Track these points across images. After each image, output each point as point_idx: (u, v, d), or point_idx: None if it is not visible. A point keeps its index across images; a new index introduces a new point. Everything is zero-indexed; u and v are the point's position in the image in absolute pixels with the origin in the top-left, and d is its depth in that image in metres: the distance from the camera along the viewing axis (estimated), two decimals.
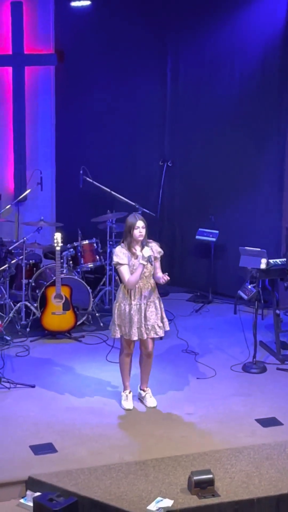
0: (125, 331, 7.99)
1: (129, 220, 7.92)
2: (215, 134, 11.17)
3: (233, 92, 11.01)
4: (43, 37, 11.24)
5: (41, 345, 9.78)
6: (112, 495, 6.61)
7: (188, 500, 6.57)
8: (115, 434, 7.71)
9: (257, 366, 9.12)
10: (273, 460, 7.18)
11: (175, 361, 9.36)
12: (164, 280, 7.93)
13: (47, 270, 10.28)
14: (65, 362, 9.27)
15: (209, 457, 7.21)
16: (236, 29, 10.83)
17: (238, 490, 6.72)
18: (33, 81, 11.34)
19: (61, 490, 6.65)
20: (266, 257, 9.15)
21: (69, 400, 8.38)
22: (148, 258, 7.77)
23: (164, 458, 7.18)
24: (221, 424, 7.89)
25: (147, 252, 7.79)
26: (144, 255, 7.78)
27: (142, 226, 7.86)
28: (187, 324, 10.43)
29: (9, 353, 9.41)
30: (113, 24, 11.21)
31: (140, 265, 7.81)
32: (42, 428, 7.74)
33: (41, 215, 10.59)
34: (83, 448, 7.41)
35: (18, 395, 8.43)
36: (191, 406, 8.25)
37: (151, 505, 6.45)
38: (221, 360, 9.39)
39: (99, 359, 9.33)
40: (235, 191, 11.11)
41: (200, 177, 11.37)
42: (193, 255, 11.60)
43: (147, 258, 7.77)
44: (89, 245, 10.66)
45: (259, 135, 10.87)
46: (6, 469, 7.05)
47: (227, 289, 11.10)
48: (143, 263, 7.79)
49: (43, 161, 11.42)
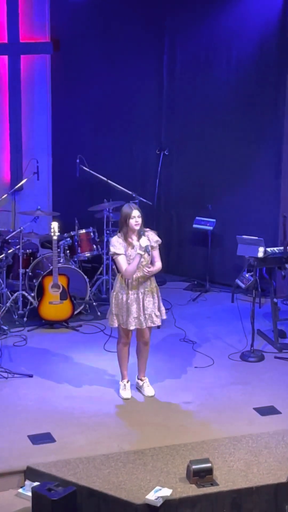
0: (123, 320, 7.98)
1: (124, 210, 7.90)
2: (212, 122, 11.13)
3: (230, 80, 10.96)
4: (38, 26, 11.20)
5: (39, 334, 9.77)
6: (110, 485, 6.61)
7: (186, 489, 6.58)
8: (113, 423, 7.71)
9: (255, 354, 9.11)
10: (272, 448, 7.19)
11: (173, 350, 9.35)
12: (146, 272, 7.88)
13: (44, 260, 10.26)
14: (63, 352, 9.27)
15: (208, 446, 7.22)
16: (233, 14, 10.75)
17: (237, 478, 6.73)
18: (29, 70, 11.30)
19: (59, 479, 6.65)
20: (263, 245, 9.13)
21: (67, 389, 8.38)
22: (145, 248, 7.76)
23: (162, 447, 7.19)
24: (219, 413, 7.90)
25: (144, 242, 7.77)
26: (141, 245, 7.76)
27: (138, 216, 7.84)
28: (185, 313, 10.42)
29: (6, 342, 9.40)
30: (109, 12, 11.17)
31: (137, 255, 7.79)
32: (40, 418, 7.74)
33: (37, 204, 10.57)
34: (81, 438, 7.41)
35: (15, 384, 8.43)
36: (189, 395, 8.26)
37: (149, 494, 6.46)
38: (219, 349, 9.38)
39: (96, 348, 9.32)
40: (232, 180, 11.08)
41: (197, 165, 11.34)
42: (190, 244, 11.58)
43: (144, 248, 7.75)
44: (86, 234, 10.64)
45: (256, 123, 10.83)
46: (5, 459, 7.05)
47: (224, 277, 11.09)
48: (141, 253, 7.77)
49: (39, 150, 11.39)
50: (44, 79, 11.38)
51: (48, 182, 11.50)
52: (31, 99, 11.36)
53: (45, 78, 11.38)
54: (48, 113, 11.43)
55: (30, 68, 11.31)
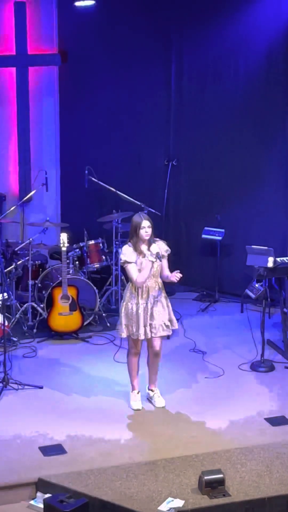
0: (132, 330, 7.97)
1: (134, 220, 7.90)
2: (220, 132, 11.15)
3: (237, 90, 10.98)
4: (46, 37, 11.23)
5: (48, 346, 9.77)
6: (122, 496, 6.59)
7: (199, 500, 6.56)
8: (124, 434, 7.69)
9: (265, 364, 9.09)
10: (283, 459, 7.16)
11: (183, 360, 9.34)
12: (177, 278, 7.90)
13: (53, 271, 10.26)
14: (73, 363, 9.26)
15: (219, 456, 7.20)
16: (240, 25, 10.79)
17: (249, 489, 6.71)
18: (36, 82, 11.33)
19: (71, 491, 6.63)
20: (273, 255, 9.12)
21: (78, 400, 8.36)
22: (156, 255, 7.76)
23: (174, 458, 7.17)
24: (230, 424, 7.88)
25: (155, 248, 7.78)
26: (152, 252, 7.76)
27: (148, 226, 7.84)
28: (194, 323, 10.41)
29: (16, 354, 9.40)
30: (117, 24, 11.19)
31: (148, 262, 7.79)
32: (51, 429, 7.72)
33: (46, 215, 10.60)
34: (92, 449, 7.39)
35: (26, 396, 8.42)
36: (199, 406, 8.24)
37: (162, 505, 6.44)
38: (229, 359, 9.36)
39: (106, 359, 9.31)
40: (241, 190, 11.08)
41: (205, 175, 11.35)
42: (199, 254, 11.58)
43: (155, 254, 7.75)
44: (95, 245, 10.64)
45: (264, 133, 10.84)
46: (16, 471, 7.03)
47: (234, 288, 11.08)
48: (152, 260, 7.77)
49: (47, 161, 11.41)
50: (52, 91, 11.41)
51: (56, 193, 11.51)
52: (39, 111, 11.39)
53: (53, 90, 11.40)
54: (56, 124, 11.45)
55: (38, 80, 11.34)
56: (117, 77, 11.40)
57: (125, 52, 11.32)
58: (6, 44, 11.08)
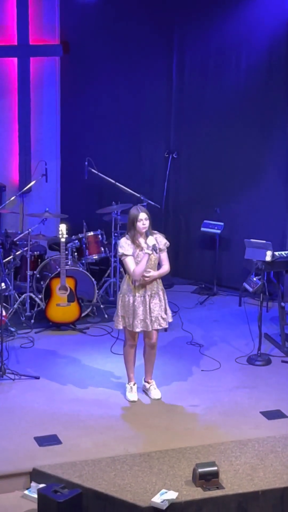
0: (129, 322, 7.98)
1: (132, 213, 7.91)
2: (221, 126, 11.14)
3: (239, 84, 10.97)
4: (48, 28, 11.20)
5: (46, 336, 9.78)
6: (116, 487, 6.61)
7: (192, 492, 6.57)
8: (119, 426, 7.71)
9: (262, 358, 9.11)
10: (278, 452, 7.18)
11: (180, 353, 9.35)
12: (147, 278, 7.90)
13: (51, 262, 10.26)
14: (70, 354, 9.27)
15: (214, 449, 7.21)
16: (242, 20, 10.78)
17: (243, 482, 6.72)
18: (38, 72, 11.31)
19: (65, 481, 6.65)
20: (271, 249, 9.12)
21: (74, 391, 8.38)
22: (153, 247, 7.76)
23: (168, 450, 7.18)
24: (225, 417, 7.89)
25: (151, 241, 7.78)
26: (148, 244, 7.77)
27: (145, 218, 7.84)
28: (192, 316, 10.42)
29: (13, 344, 9.40)
30: (119, 15, 11.17)
31: (145, 255, 7.80)
32: (47, 420, 7.74)
33: (46, 206, 10.57)
34: (87, 440, 7.41)
35: (22, 386, 8.43)
36: (195, 398, 8.25)
37: (155, 497, 6.45)
38: (226, 352, 9.37)
39: (103, 350, 9.32)
40: (240, 183, 11.08)
41: (205, 169, 11.34)
42: (198, 247, 11.58)
43: (151, 247, 7.76)
44: (94, 236, 10.64)
45: (264, 127, 10.83)
46: (11, 461, 7.05)
47: (232, 281, 11.08)
48: (149, 253, 7.78)
49: (48, 152, 11.39)
50: (54, 82, 11.39)
51: (56, 184, 11.51)
52: (40, 101, 11.37)
53: (54, 81, 11.39)
54: (57, 115, 11.44)
55: (40, 71, 11.32)
56: (119, 68, 11.38)
57: (127, 44, 11.30)
58: (8, 34, 11.05)
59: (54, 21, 11.21)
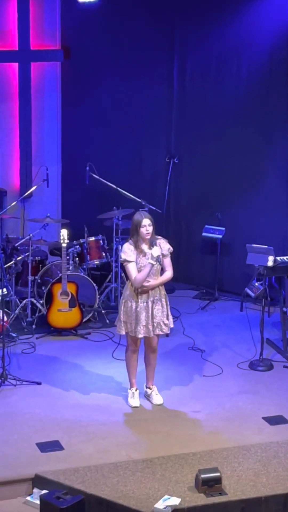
0: (131, 328, 7.97)
1: (135, 218, 7.89)
2: (222, 131, 11.13)
3: (240, 88, 10.97)
4: (49, 33, 11.21)
5: (47, 342, 9.76)
6: (119, 493, 6.59)
7: (195, 498, 6.56)
8: (121, 431, 7.69)
9: (264, 363, 9.09)
10: (281, 458, 7.16)
11: (182, 358, 9.33)
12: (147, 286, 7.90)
13: (53, 267, 10.25)
14: (71, 359, 9.25)
15: (216, 455, 7.20)
16: (243, 24, 10.77)
17: (246, 488, 6.71)
18: (39, 77, 11.31)
19: (67, 487, 6.64)
20: (273, 254, 9.11)
21: (76, 397, 8.36)
22: (157, 258, 7.76)
23: (171, 456, 7.17)
24: (228, 422, 7.87)
25: (156, 251, 7.77)
26: (153, 254, 7.76)
27: (149, 224, 7.83)
28: (193, 322, 10.40)
29: (15, 350, 9.39)
30: (120, 20, 11.17)
31: (148, 264, 7.78)
32: (49, 426, 7.73)
33: (47, 211, 10.57)
34: (89, 446, 7.39)
35: (24, 392, 8.41)
36: (197, 404, 8.23)
37: (158, 503, 6.44)
38: (228, 358, 9.36)
39: (105, 356, 9.31)
40: (241, 188, 11.07)
41: (206, 174, 11.34)
42: (199, 252, 11.57)
43: (156, 258, 7.75)
44: (95, 242, 10.64)
45: (265, 132, 10.83)
46: (13, 467, 7.03)
47: (234, 286, 11.07)
48: (152, 263, 7.77)
49: (49, 157, 11.39)
50: (54, 87, 11.39)
51: (57, 190, 11.50)
52: (41, 107, 11.37)
53: (55, 86, 11.39)
54: (58, 120, 11.43)
55: (41, 76, 11.32)
56: (120, 74, 11.38)
57: (128, 48, 11.30)
58: (9, 39, 11.06)
59: (55, 26, 11.21)
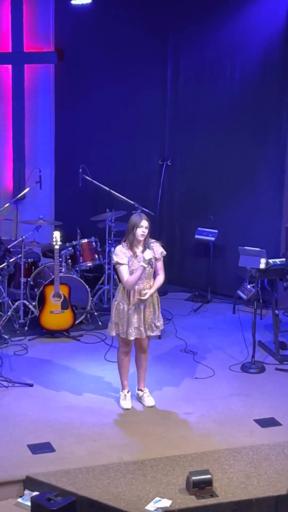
0: (123, 330, 7.97)
1: (133, 219, 7.90)
2: (216, 133, 11.14)
3: (233, 91, 10.98)
4: (43, 35, 11.21)
5: (39, 344, 9.76)
6: (110, 495, 6.59)
7: (186, 500, 6.56)
8: (113, 433, 7.69)
9: (256, 366, 9.10)
10: (272, 460, 7.17)
11: (174, 360, 9.34)
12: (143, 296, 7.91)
13: (45, 269, 10.25)
14: (64, 361, 9.25)
15: (208, 457, 7.20)
16: (237, 27, 10.78)
17: (237, 490, 6.71)
18: (32, 79, 11.31)
19: (59, 489, 6.64)
20: (265, 257, 9.13)
21: (68, 399, 8.36)
22: (149, 261, 7.77)
23: (162, 458, 7.17)
24: (219, 424, 7.88)
25: (148, 255, 7.78)
26: (145, 257, 7.77)
27: (146, 226, 7.84)
28: (186, 324, 10.41)
29: (7, 352, 9.38)
30: (114, 22, 11.18)
31: (140, 267, 7.79)
32: (40, 427, 7.72)
33: (40, 213, 10.58)
34: (81, 448, 7.39)
35: (16, 394, 8.41)
36: (189, 406, 8.24)
37: (149, 505, 6.44)
38: (220, 360, 9.37)
39: (97, 358, 9.31)
40: (234, 191, 11.08)
41: (199, 176, 11.35)
42: (192, 255, 11.58)
43: (147, 261, 7.76)
44: (88, 244, 10.64)
45: (259, 134, 10.84)
46: (4, 468, 7.03)
47: (226, 288, 11.08)
48: (144, 266, 7.78)
49: (42, 159, 11.39)
50: (48, 89, 11.39)
51: (50, 192, 11.50)
52: (35, 109, 11.37)
53: (48, 88, 11.38)
54: (52, 122, 11.43)
55: (34, 78, 11.32)
56: (113, 76, 11.39)
57: (121, 51, 11.32)
58: (2, 41, 11.05)
59: (49, 29, 11.21)
